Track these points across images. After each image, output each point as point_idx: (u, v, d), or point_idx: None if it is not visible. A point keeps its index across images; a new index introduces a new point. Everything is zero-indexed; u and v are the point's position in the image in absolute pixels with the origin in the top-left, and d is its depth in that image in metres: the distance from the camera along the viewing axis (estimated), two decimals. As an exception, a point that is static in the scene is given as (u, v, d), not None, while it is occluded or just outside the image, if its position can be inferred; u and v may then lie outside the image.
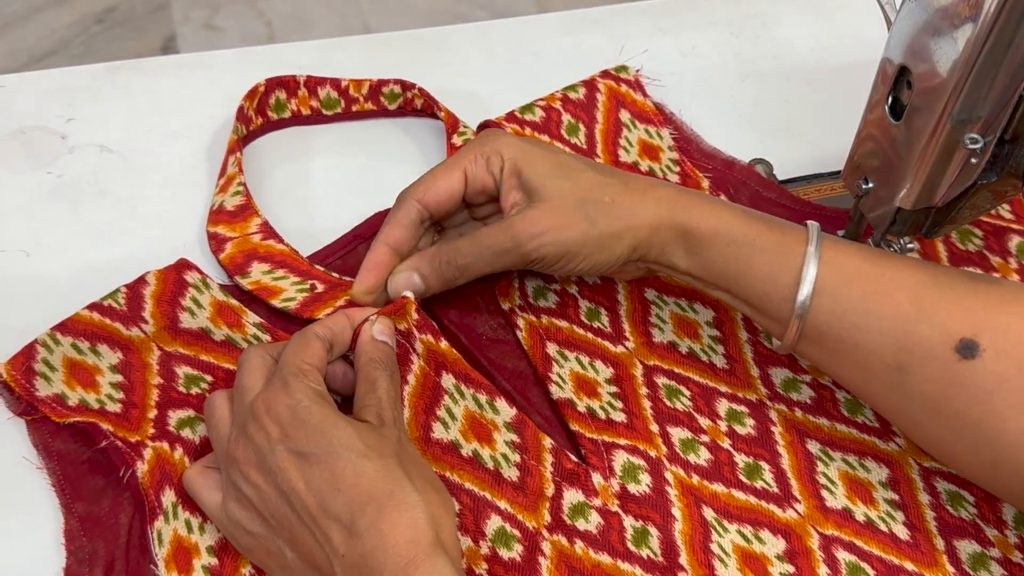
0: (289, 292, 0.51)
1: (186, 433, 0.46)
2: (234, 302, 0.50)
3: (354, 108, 0.62)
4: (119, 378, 0.47)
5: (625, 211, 0.48)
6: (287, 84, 0.61)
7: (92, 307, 0.48)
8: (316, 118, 0.62)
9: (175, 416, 0.46)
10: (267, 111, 0.61)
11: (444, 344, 0.48)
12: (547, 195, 0.48)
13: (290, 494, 0.39)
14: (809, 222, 0.46)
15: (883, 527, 0.47)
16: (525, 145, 0.50)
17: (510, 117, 0.59)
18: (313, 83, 0.61)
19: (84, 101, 0.62)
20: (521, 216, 0.48)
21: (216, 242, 0.54)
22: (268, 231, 0.54)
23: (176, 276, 0.50)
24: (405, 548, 0.37)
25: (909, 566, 0.45)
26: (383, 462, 0.40)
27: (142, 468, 0.44)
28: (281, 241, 0.54)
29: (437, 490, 0.41)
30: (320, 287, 0.52)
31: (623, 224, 0.47)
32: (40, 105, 0.61)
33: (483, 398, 0.48)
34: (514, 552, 0.44)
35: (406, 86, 0.62)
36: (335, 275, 0.53)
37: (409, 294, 0.49)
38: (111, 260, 0.54)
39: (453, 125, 0.60)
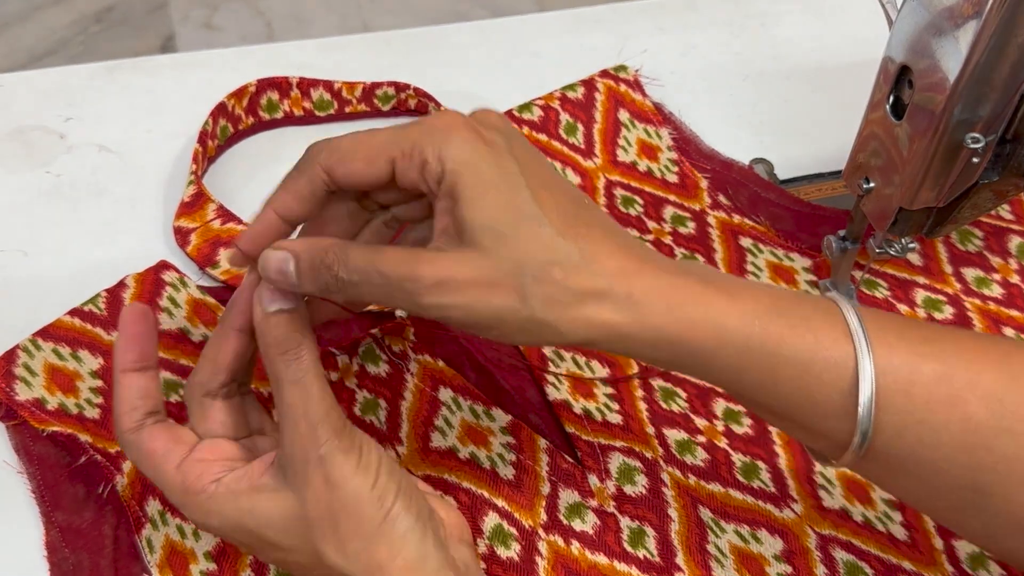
0: None
1: None
2: (210, 300, 0.50)
3: (347, 110, 0.62)
4: (99, 383, 0.47)
5: (573, 299, 0.35)
6: (279, 85, 0.60)
7: (73, 313, 0.48)
8: (309, 119, 0.62)
9: None
10: (259, 111, 0.60)
11: (441, 364, 0.50)
12: (479, 244, 0.35)
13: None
14: (836, 298, 0.37)
15: (880, 527, 0.47)
16: (479, 162, 0.36)
17: (508, 116, 0.59)
18: (306, 85, 0.61)
19: (83, 101, 0.62)
20: (434, 258, 0.35)
21: (181, 236, 0.54)
22: (225, 214, 0.54)
23: (154, 277, 0.50)
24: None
25: (908, 565, 0.45)
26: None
27: (122, 482, 0.44)
28: (240, 222, 0.54)
29: (445, 507, 0.40)
30: None
31: (569, 316, 0.35)
32: (39, 105, 0.61)
33: (479, 408, 0.49)
34: (512, 551, 0.44)
35: (400, 87, 0.62)
36: None
37: (401, 312, 0.50)
38: (111, 260, 0.54)
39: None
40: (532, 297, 0.35)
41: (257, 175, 0.59)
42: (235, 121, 0.60)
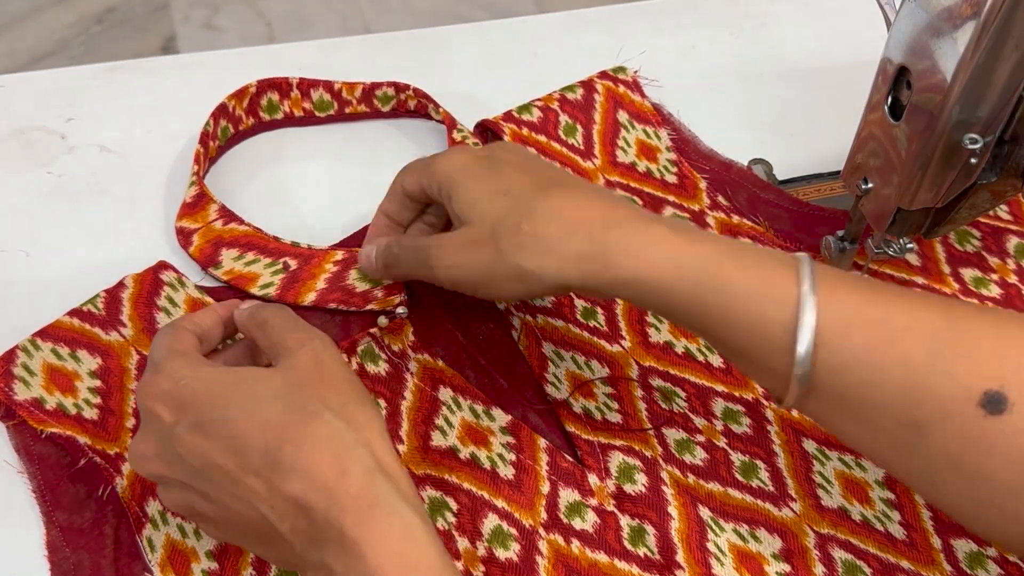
0: (265, 277, 0.52)
1: None
2: (208, 300, 0.50)
3: (347, 110, 0.62)
4: (97, 383, 0.47)
5: (545, 246, 0.42)
6: (279, 86, 0.61)
7: (72, 313, 0.49)
8: (309, 119, 0.62)
9: None
10: (259, 111, 0.61)
11: (441, 363, 0.50)
12: (468, 219, 0.44)
13: (205, 468, 0.37)
14: (798, 254, 0.40)
15: (879, 526, 0.47)
16: (463, 166, 0.46)
17: (508, 117, 0.59)
18: (306, 85, 0.61)
19: (84, 101, 0.62)
20: (436, 241, 0.46)
21: (183, 236, 0.54)
22: (227, 214, 0.54)
23: (153, 277, 0.51)
24: (336, 481, 0.35)
25: (906, 564, 0.45)
26: (288, 399, 0.38)
27: (122, 483, 0.44)
28: (242, 222, 0.54)
29: (362, 403, 0.39)
30: (293, 264, 0.52)
31: (538, 262, 0.42)
32: (40, 105, 0.61)
33: (479, 408, 0.49)
34: (511, 552, 0.44)
35: (399, 88, 0.62)
36: (304, 245, 0.53)
37: (403, 311, 0.51)
38: (111, 260, 0.54)
39: (452, 123, 0.60)
40: (506, 247, 0.42)
41: (258, 175, 0.59)
42: (236, 122, 0.60)
